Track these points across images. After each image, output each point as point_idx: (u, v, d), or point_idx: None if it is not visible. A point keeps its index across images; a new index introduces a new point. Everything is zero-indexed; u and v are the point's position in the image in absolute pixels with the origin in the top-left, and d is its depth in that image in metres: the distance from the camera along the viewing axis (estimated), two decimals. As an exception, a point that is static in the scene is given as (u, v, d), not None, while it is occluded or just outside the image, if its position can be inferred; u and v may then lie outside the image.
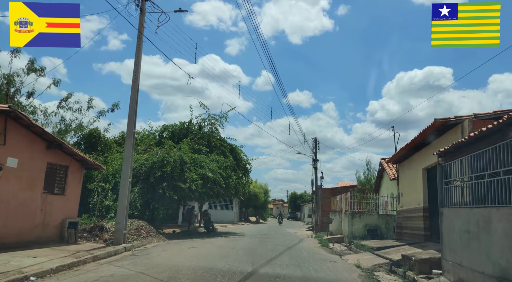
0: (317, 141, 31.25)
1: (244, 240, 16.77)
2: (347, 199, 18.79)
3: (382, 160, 20.57)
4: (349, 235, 17.32)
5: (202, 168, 17.42)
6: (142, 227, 14.65)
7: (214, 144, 19.99)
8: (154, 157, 16.85)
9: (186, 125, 20.80)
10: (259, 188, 53.53)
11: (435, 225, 12.29)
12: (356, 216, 17.47)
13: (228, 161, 19.20)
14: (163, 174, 16.41)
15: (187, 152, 17.85)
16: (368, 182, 28.18)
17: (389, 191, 19.66)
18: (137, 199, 15.86)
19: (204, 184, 17.19)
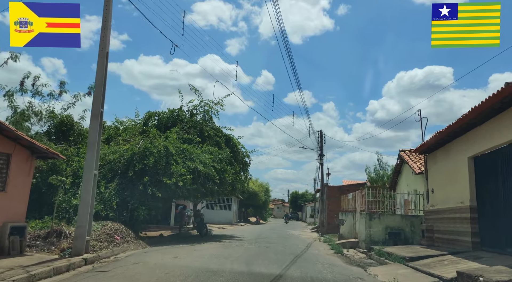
0: (323, 134, 28.51)
1: (242, 245, 14.04)
2: (363, 197, 16.04)
3: (402, 152, 17.83)
4: (366, 240, 14.58)
5: (191, 160, 14.70)
6: (117, 231, 11.91)
7: (207, 133, 17.26)
8: (135, 147, 14.11)
9: (176, 113, 18.06)
10: (260, 186, 50.81)
11: (487, 229, 9.54)
12: (375, 217, 14.73)
13: (224, 153, 16.48)
14: (145, 167, 13.69)
15: (175, 141, 15.13)
16: (380, 178, 25.48)
17: (410, 187, 16.92)
18: (113, 197, 13.13)
19: (194, 180, 14.47)
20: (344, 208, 20.78)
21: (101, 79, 9.87)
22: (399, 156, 18.28)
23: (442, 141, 11.46)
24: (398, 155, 18.39)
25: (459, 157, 10.62)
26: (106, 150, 14.65)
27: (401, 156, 17.87)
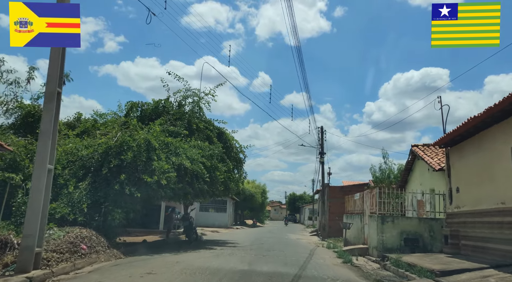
0: (324, 130, 26.60)
1: (236, 254, 12.10)
2: (373, 198, 14.15)
3: (415, 147, 15.92)
4: (378, 246, 12.68)
5: (177, 155, 12.75)
6: (85, 239, 9.92)
7: (196, 126, 15.30)
8: (111, 140, 12.15)
9: (162, 104, 16.10)
10: (256, 188, 48.82)
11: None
12: (388, 221, 12.84)
13: (215, 148, 14.53)
14: (122, 164, 11.72)
15: (158, 134, 13.17)
16: (386, 177, 23.54)
17: (425, 186, 15.03)
18: (84, 198, 11.16)
19: (181, 178, 12.53)
20: (349, 210, 18.88)
21: (57, 52, 7.94)
22: (411, 151, 16.39)
23: (473, 129, 9.58)
24: (410, 151, 16.50)
25: (498, 147, 8.74)
26: (78, 143, 12.67)
27: (414, 151, 15.98)
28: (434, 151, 15.09)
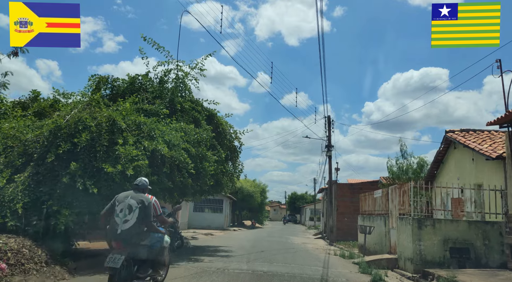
0: (332, 120, 23.57)
1: (227, 270, 9.09)
2: (404, 195, 11.16)
3: (451, 133, 12.88)
4: (414, 258, 9.67)
5: (151, 138, 9.75)
6: (8, 253, 6.93)
7: (180, 106, 12.26)
8: (61, 119, 9.12)
9: (139, 81, 13.04)
10: (255, 187, 45.77)
11: None
12: (427, 225, 9.84)
13: (203, 132, 11.51)
14: (75, 149, 8.72)
15: (129, 112, 10.16)
16: (404, 172, 20.52)
17: (464, 181, 12.00)
18: (20, 195, 8.14)
19: (156, 168, 9.52)
20: (366, 210, 15.88)
21: None
22: (446, 139, 13.35)
23: None
24: (444, 139, 13.45)
25: None
26: (20, 124, 9.63)
27: (449, 138, 12.94)
28: (477, 136, 12.11)
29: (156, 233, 5.96)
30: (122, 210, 5.62)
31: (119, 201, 5.76)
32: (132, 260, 5.60)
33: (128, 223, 5.52)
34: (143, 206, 5.67)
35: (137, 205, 5.65)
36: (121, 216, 5.58)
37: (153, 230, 5.87)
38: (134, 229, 5.51)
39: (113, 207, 5.77)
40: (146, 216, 5.66)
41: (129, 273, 5.55)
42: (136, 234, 5.54)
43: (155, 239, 5.92)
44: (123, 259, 5.32)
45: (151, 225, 5.79)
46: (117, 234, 5.46)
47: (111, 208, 5.82)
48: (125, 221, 5.54)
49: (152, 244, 5.86)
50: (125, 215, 5.57)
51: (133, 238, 5.54)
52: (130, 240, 5.52)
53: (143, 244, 5.70)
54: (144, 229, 5.69)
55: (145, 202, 5.74)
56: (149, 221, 5.72)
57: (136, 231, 5.54)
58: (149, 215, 5.72)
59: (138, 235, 5.58)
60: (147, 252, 5.77)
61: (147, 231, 5.74)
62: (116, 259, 5.28)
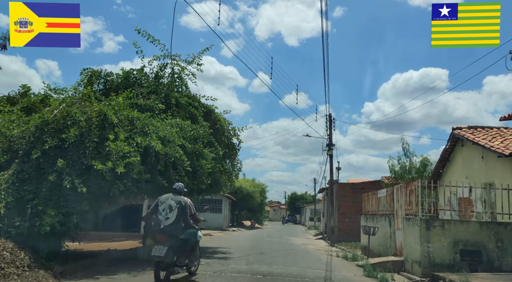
0: (333, 119, 23.05)
1: (223, 275, 8.56)
2: (411, 195, 10.64)
3: (459, 130, 12.34)
4: (422, 260, 9.15)
5: (144, 134, 9.23)
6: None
7: (176, 101, 11.74)
8: (48, 114, 8.60)
9: (134, 76, 12.51)
10: (255, 186, 45.26)
11: None
12: (436, 226, 9.33)
13: (200, 128, 10.99)
14: (62, 145, 8.21)
15: (122, 107, 9.65)
16: (407, 172, 20.02)
17: (473, 179, 11.46)
18: (2, 194, 7.63)
19: (149, 165, 9.01)
20: (370, 211, 15.36)
21: None
22: (453, 136, 12.82)
23: None
24: (451, 136, 12.92)
25: None
26: (5, 119, 9.10)
27: (457, 135, 12.41)
28: (486, 133, 11.60)
29: (192, 228, 7.21)
30: (164, 209, 6.87)
31: (161, 202, 7.01)
32: (172, 251, 6.75)
33: (169, 220, 6.78)
34: (180, 206, 6.92)
35: (176, 205, 6.90)
36: (163, 214, 6.84)
37: (189, 226, 7.11)
38: (174, 225, 6.78)
39: (156, 207, 7.03)
40: (183, 214, 6.91)
41: (170, 261, 6.72)
42: (175, 229, 6.81)
43: (191, 233, 7.20)
44: (166, 250, 6.54)
45: (187, 222, 7.02)
46: (161, 229, 6.75)
47: (155, 208, 7.07)
48: (167, 218, 6.80)
49: (188, 238, 7.13)
50: (167, 214, 6.83)
51: (173, 232, 6.78)
52: (171, 234, 6.76)
53: (181, 237, 6.95)
54: (182, 225, 6.92)
55: (182, 202, 7.01)
56: (186, 219, 6.96)
57: (176, 227, 6.80)
58: (186, 213, 7.00)
59: (177, 230, 6.85)
60: (184, 244, 7.04)
61: (184, 227, 6.98)
62: (160, 249, 6.53)
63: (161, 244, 6.64)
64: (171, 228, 6.77)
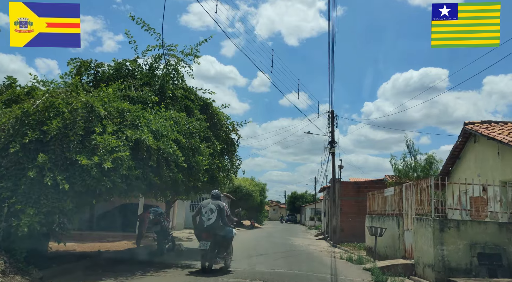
0: (335, 115, 22.33)
1: (221, 278, 7.85)
2: (422, 193, 9.93)
3: (471, 125, 11.62)
4: (436, 264, 8.45)
5: (135, 127, 8.51)
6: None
7: (171, 94, 11.03)
8: (29, 104, 7.88)
9: (126, 67, 11.78)
10: (255, 185, 44.57)
11: None
12: (451, 226, 8.63)
13: (196, 122, 10.27)
14: (44, 138, 7.48)
15: (112, 98, 8.93)
16: (412, 170, 19.30)
17: (487, 177, 10.73)
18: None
19: (140, 161, 8.29)
20: (375, 210, 14.65)
21: None
22: (464, 131, 12.10)
23: None
24: (462, 131, 12.19)
25: None
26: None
27: (469, 130, 11.70)
28: (502, 128, 10.89)
29: (228, 227, 8.74)
30: (206, 212, 8.56)
31: (203, 206, 8.72)
32: (214, 245, 8.33)
33: (210, 220, 8.42)
34: (219, 209, 8.59)
35: (216, 208, 8.55)
36: (206, 216, 8.51)
37: (226, 225, 8.68)
38: (215, 224, 8.39)
39: (200, 210, 8.75)
40: (221, 215, 8.56)
41: (213, 253, 8.37)
42: (216, 227, 8.39)
43: (228, 231, 8.73)
44: (209, 244, 8.19)
45: (225, 222, 8.63)
46: (204, 227, 8.40)
47: (198, 211, 8.79)
48: (209, 219, 8.45)
49: (226, 234, 8.64)
50: (209, 215, 8.49)
51: (214, 230, 8.38)
52: (213, 232, 8.36)
53: (220, 234, 8.50)
54: (220, 224, 8.50)
55: (221, 206, 8.69)
56: (223, 219, 8.59)
57: (216, 226, 8.40)
58: (223, 215, 8.65)
59: (217, 228, 8.41)
60: (223, 239, 8.59)
61: (222, 225, 8.54)
62: (205, 244, 8.21)
63: (205, 239, 8.28)
64: (212, 227, 8.37)
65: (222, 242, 8.53)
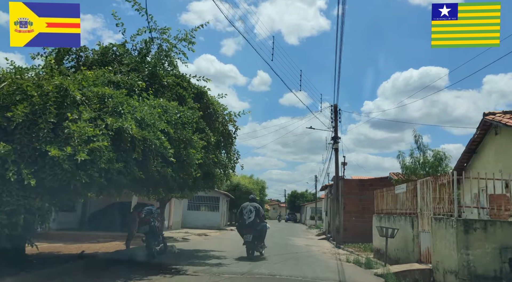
0: (339, 110, 21.26)
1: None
2: (441, 190, 8.88)
3: (491, 116, 10.56)
4: (460, 271, 7.40)
5: (117, 115, 7.45)
6: None
7: (162, 81, 9.96)
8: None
9: (113, 52, 10.71)
10: (255, 184, 43.55)
11: None
12: (477, 228, 7.58)
13: (187, 112, 9.19)
14: (8, 126, 6.45)
15: (90, 81, 7.88)
16: (421, 166, 18.19)
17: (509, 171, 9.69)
18: None
19: (122, 153, 7.24)
20: (384, 209, 13.59)
21: None
22: (483, 123, 11.04)
23: None
24: (481, 123, 11.13)
25: None
26: None
27: (489, 121, 10.63)
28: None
29: (263, 222, 11.53)
30: (247, 212, 11.29)
31: (244, 208, 11.48)
32: (253, 237, 11.02)
33: (250, 218, 11.15)
34: (256, 209, 11.31)
35: (254, 209, 11.28)
36: (246, 215, 11.25)
37: (262, 221, 11.45)
38: (254, 221, 11.14)
39: (242, 210, 11.46)
40: (258, 214, 11.26)
41: (253, 244, 11.11)
42: (254, 223, 11.15)
43: (263, 226, 11.47)
44: (251, 237, 10.95)
45: (261, 218, 11.41)
46: (246, 224, 11.16)
47: (241, 211, 11.50)
48: (249, 217, 11.17)
49: (262, 228, 11.40)
50: (249, 215, 11.20)
51: (253, 226, 11.12)
52: (252, 227, 11.09)
53: (258, 229, 11.19)
54: (258, 221, 11.21)
55: (257, 207, 11.43)
56: (260, 217, 11.35)
57: (255, 222, 11.15)
58: (259, 214, 11.36)
59: (255, 224, 11.16)
60: (260, 233, 11.33)
61: (259, 222, 11.26)
62: (249, 237, 10.95)
63: (248, 233, 10.98)
64: (252, 223, 11.10)
65: (259, 235, 11.19)
